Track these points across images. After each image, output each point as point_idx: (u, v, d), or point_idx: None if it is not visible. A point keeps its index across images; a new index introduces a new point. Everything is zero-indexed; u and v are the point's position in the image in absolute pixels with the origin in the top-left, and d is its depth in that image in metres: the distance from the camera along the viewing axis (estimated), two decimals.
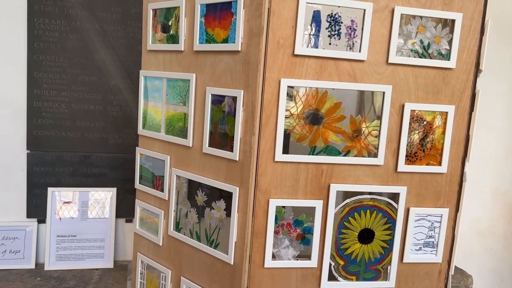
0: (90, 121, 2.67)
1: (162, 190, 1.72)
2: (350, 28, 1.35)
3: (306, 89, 1.36)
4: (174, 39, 1.62)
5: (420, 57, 1.39)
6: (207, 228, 1.55)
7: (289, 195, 1.41)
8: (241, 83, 1.41)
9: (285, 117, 1.36)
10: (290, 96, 1.36)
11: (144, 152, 1.80)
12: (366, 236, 1.46)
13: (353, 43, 1.36)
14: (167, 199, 1.69)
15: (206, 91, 1.51)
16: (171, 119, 1.66)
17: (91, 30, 2.59)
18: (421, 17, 1.37)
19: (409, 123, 1.41)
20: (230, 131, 1.44)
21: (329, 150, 1.40)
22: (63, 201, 2.73)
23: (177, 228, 1.67)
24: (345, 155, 1.41)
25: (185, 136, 1.59)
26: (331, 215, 1.42)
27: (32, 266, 2.70)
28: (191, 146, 1.58)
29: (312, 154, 1.39)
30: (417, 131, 1.42)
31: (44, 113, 2.63)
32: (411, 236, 1.47)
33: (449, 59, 1.40)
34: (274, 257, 1.43)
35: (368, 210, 1.45)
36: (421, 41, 1.38)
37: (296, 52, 1.33)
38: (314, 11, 1.33)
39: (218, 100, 1.48)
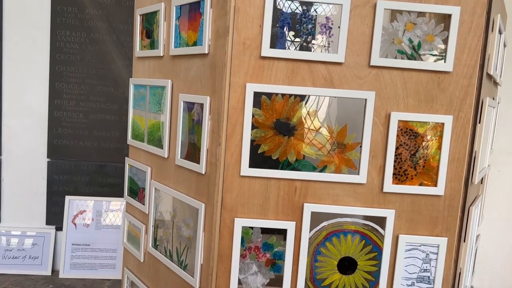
0: (106, 131, 2.68)
1: (144, 203, 1.64)
2: (325, 27, 1.19)
3: (275, 96, 1.22)
4: (156, 44, 1.55)
5: (409, 59, 1.19)
6: (178, 247, 1.44)
7: (258, 214, 1.26)
8: (208, 88, 1.30)
9: (253, 127, 1.23)
10: (258, 103, 1.23)
11: (131, 163, 1.73)
12: (347, 265, 1.27)
13: (329, 44, 1.20)
14: (147, 212, 1.61)
15: (179, 98, 1.41)
16: (152, 128, 1.58)
17: (108, 41, 2.61)
18: (409, 12, 1.18)
19: (397, 136, 1.22)
20: (198, 141, 1.32)
21: (302, 164, 1.24)
22: (79, 209, 2.75)
23: (155, 244, 1.57)
24: (321, 171, 1.24)
25: (162, 146, 1.50)
26: (305, 239, 1.25)
27: (49, 273, 2.73)
28: (166, 157, 1.49)
29: (283, 169, 1.24)
30: (406, 146, 1.22)
31: (64, 122, 2.68)
32: (401, 268, 1.26)
33: (445, 61, 1.19)
34: (240, 283, 1.28)
35: (349, 236, 1.26)
36: (410, 40, 1.19)
37: (263, 54, 1.20)
38: (283, 8, 1.19)
39: (189, 107, 1.37)
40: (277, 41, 1.20)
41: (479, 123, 1.29)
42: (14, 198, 2.74)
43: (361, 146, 1.22)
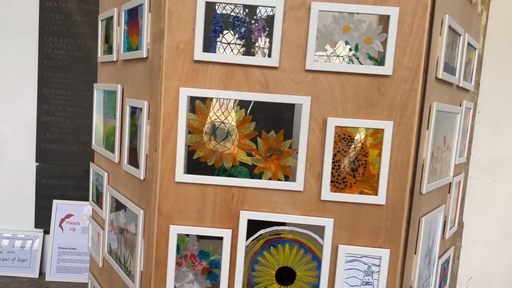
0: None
1: (102, 208, 1.63)
2: (259, 30, 1.16)
3: (211, 100, 1.19)
4: (111, 49, 1.55)
5: (347, 62, 1.15)
6: (124, 253, 1.42)
7: (194, 221, 1.23)
8: (147, 93, 1.28)
9: (188, 132, 1.20)
10: (193, 108, 1.20)
11: (94, 168, 1.73)
12: (285, 276, 1.23)
13: (264, 47, 1.17)
14: (104, 218, 1.60)
15: (125, 102, 1.40)
16: (108, 133, 1.58)
17: (94, 47, 2.64)
18: (346, 13, 1.13)
19: (335, 142, 1.17)
20: (139, 147, 1.31)
21: (239, 171, 1.20)
22: (66, 213, 2.78)
23: (110, 250, 1.56)
24: (257, 178, 1.20)
25: (114, 151, 1.50)
26: (241, 247, 1.21)
27: (36, 275, 2.77)
28: (117, 162, 1.48)
29: (219, 175, 1.21)
30: (345, 152, 1.17)
31: (52, 127, 2.72)
32: (341, 280, 1.20)
33: (383, 64, 1.14)
34: None
35: (287, 245, 1.21)
36: (347, 43, 1.14)
37: (196, 58, 1.17)
38: (216, 11, 1.16)
39: (132, 112, 1.36)
40: (211, 44, 1.18)
41: (427, 129, 1.23)
42: (4, 201, 2.79)
43: (297, 153, 1.17)
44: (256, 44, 1.17)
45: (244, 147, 1.20)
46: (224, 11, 1.16)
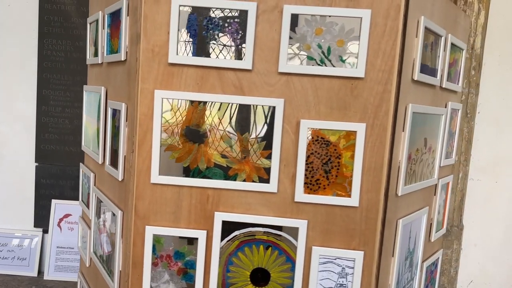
0: None
1: (89, 208, 1.66)
2: (233, 33, 1.17)
3: (185, 102, 1.20)
4: (98, 52, 1.57)
5: (319, 65, 1.15)
6: (106, 251, 1.44)
7: (170, 222, 1.25)
8: (125, 95, 1.30)
9: (163, 133, 1.21)
10: (169, 110, 1.22)
11: (83, 168, 1.76)
12: (260, 277, 1.23)
13: (238, 50, 1.17)
14: (91, 218, 1.62)
15: (107, 104, 1.42)
16: (95, 134, 1.60)
17: None
18: (318, 16, 1.14)
19: (308, 144, 1.17)
20: (118, 148, 1.33)
21: (213, 172, 1.21)
22: (64, 213, 2.82)
23: (95, 249, 1.58)
24: (232, 179, 1.21)
25: (98, 152, 1.52)
26: (216, 248, 1.22)
27: (35, 274, 2.81)
28: (100, 163, 1.50)
29: (194, 177, 1.22)
30: (318, 154, 1.17)
31: (50, 128, 2.76)
32: (315, 282, 1.20)
33: (356, 67, 1.14)
34: None
35: (261, 246, 1.22)
36: (319, 46, 1.14)
37: (170, 61, 1.18)
38: (190, 15, 1.17)
39: (113, 114, 1.38)
40: (186, 47, 1.19)
41: (403, 131, 1.22)
42: (4, 200, 2.84)
43: (271, 154, 1.18)
44: (231, 47, 1.18)
45: (219, 149, 1.20)
46: (198, 15, 1.17)
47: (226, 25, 1.17)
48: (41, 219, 2.84)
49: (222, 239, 1.22)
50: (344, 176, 1.17)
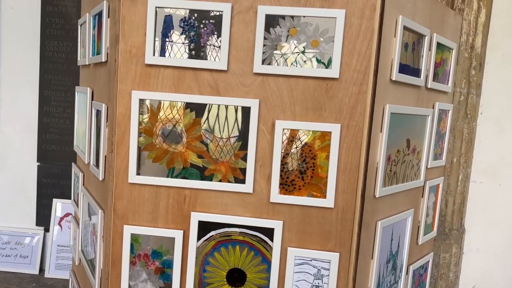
0: None
1: (78, 207, 1.68)
2: (208, 34, 1.17)
3: (162, 103, 1.21)
4: (85, 53, 1.59)
5: (294, 65, 1.14)
6: (90, 251, 1.46)
7: (148, 222, 1.26)
8: (106, 96, 1.31)
9: (140, 134, 1.22)
10: (145, 111, 1.23)
11: (74, 168, 1.78)
12: (236, 277, 1.23)
13: (213, 51, 1.18)
14: (79, 216, 1.65)
15: (92, 105, 1.44)
16: (83, 134, 1.62)
17: None
18: (292, 17, 1.13)
19: (283, 145, 1.17)
20: (99, 148, 1.34)
21: (190, 173, 1.22)
22: (65, 212, 2.86)
23: (83, 248, 1.60)
24: (208, 180, 1.21)
25: (85, 152, 1.54)
26: (192, 248, 1.22)
27: (36, 272, 2.86)
28: (86, 163, 1.52)
29: (171, 177, 1.22)
30: (293, 155, 1.17)
31: (52, 128, 2.81)
32: (291, 283, 1.20)
33: (331, 67, 1.13)
34: None
35: (237, 246, 1.22)
36: (294, 46, 1.14)
37: (147, 62, 1.19)
38: (166, 16, 1.18)
39: (96, 114, 1.40)
40: (162, 49, 1.19)
41: (381, 132, 1.21)
42: (7, 199, 2.90)
43: (246, 155, 1.18)
44: (206, 48, 1.18)
45: (195, 149, 1.21)
46: (174, 16, 1.18)
47: (202, 26, 1.17)
48: (43, 218, 2.88)
49: (198, 239, 1.23)
50: (319, 177, 1.16)
